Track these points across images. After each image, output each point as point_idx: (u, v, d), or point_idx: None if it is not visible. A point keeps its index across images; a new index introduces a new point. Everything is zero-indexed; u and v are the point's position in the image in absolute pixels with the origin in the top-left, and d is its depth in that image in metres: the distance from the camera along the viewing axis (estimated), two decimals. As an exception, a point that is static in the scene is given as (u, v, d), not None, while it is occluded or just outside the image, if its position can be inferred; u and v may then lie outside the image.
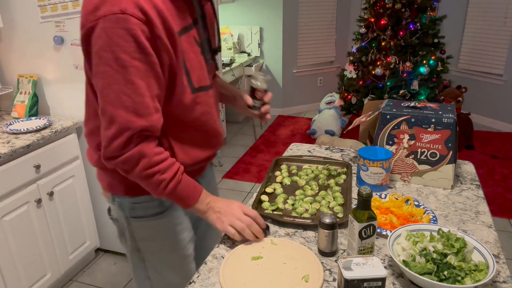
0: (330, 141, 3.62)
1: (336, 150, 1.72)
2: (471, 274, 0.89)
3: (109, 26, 0.87)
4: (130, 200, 1.13)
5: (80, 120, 2.18)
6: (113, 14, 0.86)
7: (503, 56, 4.35)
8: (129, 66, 0.89)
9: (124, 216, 1.16)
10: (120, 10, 0.86)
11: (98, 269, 2.43)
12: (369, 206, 0.95)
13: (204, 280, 0.98)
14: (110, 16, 0.86)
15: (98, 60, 0.90)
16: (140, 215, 1.14)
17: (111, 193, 1.15)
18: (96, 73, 0.92)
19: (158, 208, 1.14)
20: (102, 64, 0.89)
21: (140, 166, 0.97)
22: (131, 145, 0.95)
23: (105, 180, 1.15)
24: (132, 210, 1.14)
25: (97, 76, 0.92)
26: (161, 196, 1.04)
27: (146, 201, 1.12)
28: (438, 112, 1.36)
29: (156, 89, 0.95)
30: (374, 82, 4.10)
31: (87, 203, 2.30)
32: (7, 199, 1.82)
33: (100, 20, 0.87)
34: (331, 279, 0.96)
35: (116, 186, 1.13)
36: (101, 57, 0.89)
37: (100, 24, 0.87)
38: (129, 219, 1.15)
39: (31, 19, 2.07)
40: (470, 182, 1.42)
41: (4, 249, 1.82)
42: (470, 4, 4.54)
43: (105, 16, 0.87)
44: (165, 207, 1.14)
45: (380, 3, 3.95)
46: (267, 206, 1.25)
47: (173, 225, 1.17)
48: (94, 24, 0.88)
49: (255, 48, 4.88)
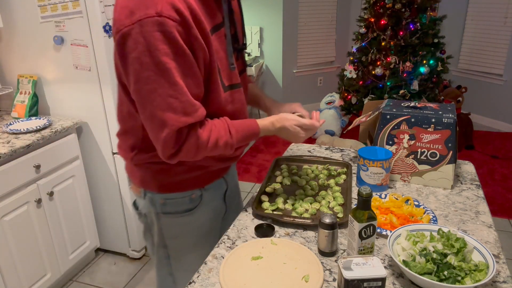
0: (330, 141, 3.62)
1: (336, 150, 1.72)
2: (471, 274, 0.89)
3: (146, 30, 0.87)
4: (162, 196, 1.16)
5: (80, 120, 2.18)
6: (149, 18, 0.86)
7: (503, 56, 4.35)
8: (170, 68, 0.90)
9: (154, 212, 1.18)
10: (156, 13, 0.86)
11: (98, 269, 2.43)
12: (369, 206, 0.95)
13: (204, 280, 0.98)
14: (147, 19, 0.87)
15: (139, 67, 0.90)
16: (170, 211, 1.17)
17: (143, 188, 1.17)
18: (139, 79, 0.92)
19: (188, 205, 1.17)
20: (144, 70, 0.90)
21: (201, 149, 1.01)
22: (186, 139, 0.98)
23: (138, 176, 1.17)
24: (163, 206, 1.16)
25: (141, 82, 0.92)
26: (232, 149, 1.08)
27: (177, 198, 1.15)
28: (438, 112, 1.36)
29: (195, 88, 0.97)
30: (374, 82, 4.10)
31: (87, 203, 2.30)
32: (7, 199, 1.82)
33: (136, 24, 0.87)
34: (331, 279, 0.96)
35: (149, 182, 1.15)
36: (142, 63, 0.89)
37: (136, 29, 0.88)
38: (159, 215, 1.17)
39: (31, 19, 2.07)
40: (470, 182, 1.42)
41: (4, 249, 1.82)
42: (470, 4, 4.54)
43: (141, 20, 0.87)
44: (195, 204, 1.17)
45: (380, 3, 3.95)
46: (267, 206, 1.25)
47: (202, 223, 1.21)
48: (130, 29, 0.88)
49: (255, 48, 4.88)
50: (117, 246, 2.51)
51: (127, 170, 1.23)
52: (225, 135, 1.04)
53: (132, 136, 1.11)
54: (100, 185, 2.35)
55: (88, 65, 2.06)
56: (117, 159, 2.24)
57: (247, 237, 1.14)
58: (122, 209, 2.37)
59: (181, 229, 1.20)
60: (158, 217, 1.18)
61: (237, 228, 1.18)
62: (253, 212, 1.25)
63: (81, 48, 2.04)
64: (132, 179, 1.21)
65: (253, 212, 1.26)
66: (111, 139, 2.21)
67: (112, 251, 2.56)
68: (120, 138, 1.17)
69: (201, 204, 1.19)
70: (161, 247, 1.23)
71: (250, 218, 1.23)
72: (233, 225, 1.20)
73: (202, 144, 1.01)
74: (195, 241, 1.22)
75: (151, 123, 0.97)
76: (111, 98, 2.10)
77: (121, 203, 2.35)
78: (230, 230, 1.17)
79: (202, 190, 1.18)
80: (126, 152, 1.16)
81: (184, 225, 1.19)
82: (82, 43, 2.02)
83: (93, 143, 2.25)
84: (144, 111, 0.96)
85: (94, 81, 2.09)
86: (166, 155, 1.00)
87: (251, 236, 1.14)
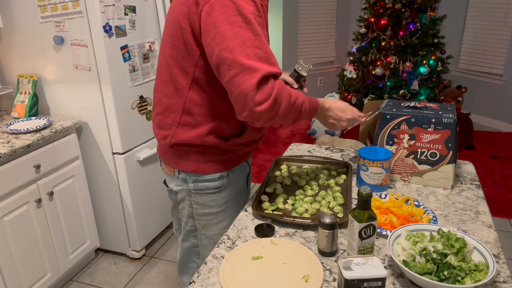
0: (330, 141, 3.62)
1: (336, 150, 1.72)
2: (471, 274, 0.89)
3: None
4: (193, 176, 1.30)
5: (80, 120, 2.18)
6: None
7: (503, 56, 4.35)
8: (255, 23, 1.05)
9: (186, 189, 1.32)
10: None
11: (98, 269, 2.43)
12: (369, 206, 0.95)
13: (204, 280, 0.98)
14: None
15: (228, 26, 1.03)
16: (201, 188, 1.31)
17: (178, 169, 1.31)
18: (226, 38, 1.03)
19: (217, 184, 1.31)
20: (234, 27, 1.03)
21: (285, 100, 1.09)
22: (273, 86, 1.06)
23: (173, 156, 1.30)
24: (195, 184, 1.31)
25: (228, 39, 1.03)
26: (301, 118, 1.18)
27: (207, 178, 1.29)
28: (438, 112, 1.36)
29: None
30: (374, 82, 4.10)
31: (87, 203, 2.30)
32: (7, 199, 1.82)
33: None
34: (331, 279, 0.96)
35: (184, 163, 1.29)
36: (231, 22, 1.03)
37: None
38: (191, 191, 1.32)
39: (31, 19, 2.07)
40: (470, 182, 1.42)
41: (4, 249, 1.82)
42: (470, 4, 4.54)
43: None
44: (223, 183, 1.31)
45: (380, 3, 3.95)
46: (267, 206, 1.25)
47: (227, 200, 1.34)
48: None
49: (255, 48, 4.88)
50: (117, 246, 2.51)
51: (161, 152, 1.36)
52: (301, 98, 1.15)
53: (172, 113, 1.23)
54: (100, 185, 2.35)
55: (88, 65, 2.06)
56: (117, 159, 2.24)
57: (247, 237, 1.14)
58: (122, 209, 2.37)
59: (208, 205, 1.33)
60: (189, 193, 1.32)
61: (237, 228, 1.18)
62: (253, 212, 1.25)
63: (81, 48, 2.04)
64: (166, 160, 1.34)
65: (253, 212, 1.26)
66: (111, 139, 2.21)
67: (112, 251, 2.56)
68: (157, 118, 1.29)
69: (228, 184, 1.33)
70: (190, 220, 1.37)
71: (250, 218, 1.23)
72: (233, 225, 1.20)
73: (287, 97, 1.09)
74: (219, 215, 1.35)
75: (240, 70, 1.03)
76: (111, 98, 2.10)
77: (121, 203, 2.35)
78: (230, 230, 1.18)
79: (229, 171, 1.32)
80: (163, 129, 1.27)
81: (211, 201, 1.33)
82: (82, 43, 2.02)
83: (93, 143, 2.25)
84: (230, 67, 1.04)
85: (94, 81, 2.09)
86: (256, 100, 1.04)
87: (251, 236, 1.14)
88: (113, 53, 2.06)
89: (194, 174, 1.29)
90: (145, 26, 2.25)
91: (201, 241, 1.39)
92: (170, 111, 1.24)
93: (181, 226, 1.42)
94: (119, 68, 2.11)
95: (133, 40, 2.18)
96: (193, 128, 1.23)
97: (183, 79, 1.18)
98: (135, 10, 2.16)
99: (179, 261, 1.49)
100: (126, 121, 2.21)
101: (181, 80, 1.18)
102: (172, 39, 1.17)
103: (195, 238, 1.40)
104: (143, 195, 2.42)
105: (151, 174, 2.46)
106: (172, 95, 1.22)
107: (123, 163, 2.24)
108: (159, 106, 1.28)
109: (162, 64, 1.24)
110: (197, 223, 1.37)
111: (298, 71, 1.43)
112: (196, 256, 1.43)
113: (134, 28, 2.18)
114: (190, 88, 1.19)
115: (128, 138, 2.25)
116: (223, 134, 1.25)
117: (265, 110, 1.05)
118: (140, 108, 2.31)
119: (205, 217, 1.35)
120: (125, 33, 2.12)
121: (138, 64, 2.23)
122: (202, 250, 1.41)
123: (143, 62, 2.27)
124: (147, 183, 2.44)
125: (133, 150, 2.30)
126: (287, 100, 1.09)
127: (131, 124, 2.25)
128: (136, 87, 2.25)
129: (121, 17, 2.08)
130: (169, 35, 1.18)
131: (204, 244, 1.40)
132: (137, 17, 2.18)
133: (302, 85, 1.48)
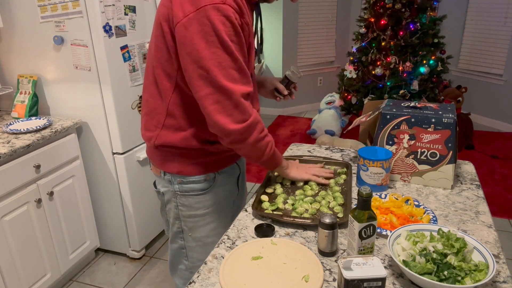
0: (330, 141, 3.62)
1: (336, 150, 1.72)
2: (471, 274, 0.88)
3: (213, 14, 1.02)
4: (179, 177, 1.29)
5: (80, 120, 2.18)
6: (215, 4, 1.03)
7: (503, 56, 4.35)
8: (231, 45, 1.06)
9: (172, 191, 1.32)
10: (221, 0, 1.03)
11: (98, 269, 2.43)
12: (369, 206, 0.95)
13: (204, 280, 0.98)
14: (213, 5, 1.03)
15: (205, 45, 1.04)
16: (186, 190, 1.30)
17: (163, 170, 1.30)
18: (204, 57, 1.05)
19: (203, 186, 1.30)
20: (211, 47, 1.04)
21: (257, 130, 1.15)
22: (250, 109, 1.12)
23: (158, 158, 1.30)
24: (180, 186, 1.30)
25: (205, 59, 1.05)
26: (261, 159, 1.23)
27: (193, 179, 1.29)
28: (438, 112, 1.36)
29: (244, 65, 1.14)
30: (374, 82, 4.11)
31: (87, 203, 2.30)
32: (7, 199, 1.82)
33: (202, 9, 1.03)
34: (331, 279, 0.96)
35: (169, 164, 1.29)
36: (208, 41, 1.04)
37: (202, 13, 1.03)
38: (176, 193, 1.32)
39: (31, 19, 2.07)
40: (470, 182, 1.42)
41: (4, 249, 1.82)
42: (470, 4, 4.54)
43: (207, 5, 1.02)
44: (209, 185, 1.31)
45: (380, 3, 3.95)
46: (267, 206, 1.25)
47: (214, 202, 1.34)
48: (197, 13, 1.03)
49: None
50: (117, 246, 2.51)
51: (148, 153, 1.36)
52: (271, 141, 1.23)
53: (157, 115, 1.23)
54: (100, 185, 2.35)
55: (88, 65, 2.06)
56: (117, 159, 2.24)
57: (247, 237, 1.14)
58: (122, 209, 2.37)
59: (194, 207, 1.32)
60: (175, 195, 1.32)
61: (237, 228, 1.18)
62: (253, 212, 1.25)
63: (81, 48, 2.04)
64: (153, 161, 1.34)
65: (253, 212, 1.26)
66: (111, 139, 2.21)
67: (112, 251, 2.56)
68: (144, 119, 1.29)
69: (214, 185, 1.32)
70: (176, 222, 1.37)
71: (250, 218, 1.23)
72: (233, 225, 1.20)
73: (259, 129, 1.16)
74: (206, 218, 1.35)
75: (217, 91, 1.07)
76: (111, 98, 2.10)
77: (121, 203, 2.35)
78: (230, 230, 1.17)
79: (216, 173, 1.31)
80: (149, 131, 1.28)
81: (197, 203, 1.32)
82: (82, 43, 2.02)
83: (93, 143, 2.25)
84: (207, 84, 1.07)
85: (94, 81, 2.09)
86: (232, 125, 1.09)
87: (251, 236, 1.14)
88: (113, 53, 2.06)
89: (179, 176, 1.29)
90: (145, 26, 2.25)
91: (188, 243, 1.38)
92: (155, 113, 1.24)
93: (169, 227, 1.41)
94: (119, 68, 2.12)
95: (133, 40, 2.18)
96: (177, 131, 1.22)
97: (166, 81, 1.18)
98: (135, 10, 2.16)
99: (169, 262, 1.49)
100: (126, 121, 2.21)
101: (165, 82, 1.18)
102: (156, 40, 1.16)
103: (182, 240, 1.39)
104: (143, 195, 2.42)
105: (151, 174, 2.45)
106: (157, 96, 1.22)
107: (123, 163, 2.24)
108: (146, 107, 1.27)
109: (148, 65, 1.24)
110: (183, 224, 1.36)
111: (289, 77, 1.45)
112: (184, 257, 1.42)
113: (134, 28, 2.18)
114: (174, 91, 1.18)
115: (128, 138, 2.25)
116: (207, 138, 1.24)
117: (237, 130, 1.11)
118: (140, 108, 2.31)
119: (191, 219, 1.34)
120: (125, 33, 2.12)
121: (138, 64, 2.23)
122: (189, 252, 1.40)
123: (143, 62, 2.27)
124: (147, 183, 2.44)
125: (133, 150, 2.30)
126: (259, 132, 1.16)
127: (131, 124, 2.25)
128: (136, 87, 2.25)
129: (121, 17, 2.08)
130: (154, 35, 1.17)
131: (192, 246, 1.39)
132: (137, 17, 2.18)
133: (291, 92, 1.49)
